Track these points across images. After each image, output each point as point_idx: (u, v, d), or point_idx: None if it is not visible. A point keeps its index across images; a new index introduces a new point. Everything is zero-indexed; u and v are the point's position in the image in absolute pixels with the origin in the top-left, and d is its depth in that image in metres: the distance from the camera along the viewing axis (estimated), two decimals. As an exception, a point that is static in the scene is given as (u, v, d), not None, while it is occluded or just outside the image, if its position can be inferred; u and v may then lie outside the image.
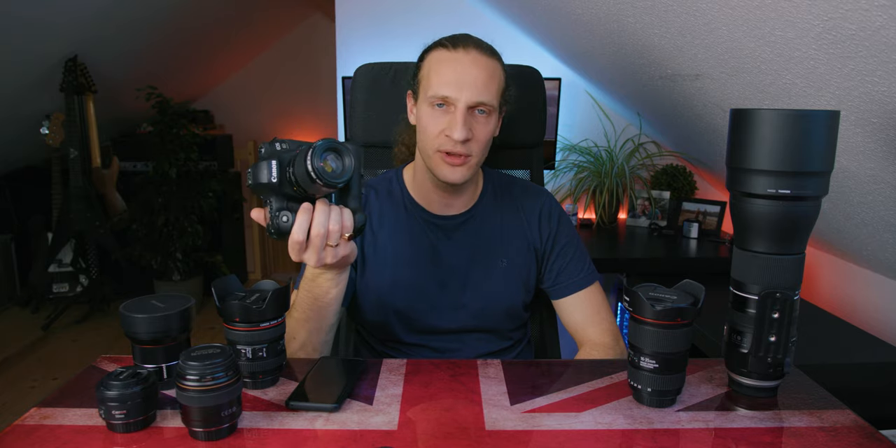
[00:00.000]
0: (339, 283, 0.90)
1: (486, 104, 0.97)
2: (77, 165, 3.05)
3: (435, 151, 1.00)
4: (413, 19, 2.43)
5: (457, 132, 0.95)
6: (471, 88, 0.96)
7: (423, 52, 1.04)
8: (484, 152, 1.02)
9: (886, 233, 1.36)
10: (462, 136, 0.96)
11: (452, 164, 0.99)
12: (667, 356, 0.74)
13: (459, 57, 0.97)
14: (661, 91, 1.79)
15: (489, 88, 0.97)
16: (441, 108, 0.98)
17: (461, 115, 0.96)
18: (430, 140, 1.00)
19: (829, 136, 0.72)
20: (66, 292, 3.36)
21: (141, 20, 2.92)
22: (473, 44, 0.99)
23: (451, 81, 0.96)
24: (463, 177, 1.01)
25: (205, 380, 0.65)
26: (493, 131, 1.02)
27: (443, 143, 0.98)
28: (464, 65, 0.97)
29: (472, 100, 0.96)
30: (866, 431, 0.71)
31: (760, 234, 0.75)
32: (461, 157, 0.99)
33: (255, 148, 4.22)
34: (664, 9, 1.26)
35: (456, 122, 0.96)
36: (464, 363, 0.89)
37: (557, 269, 1.12)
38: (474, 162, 1.01)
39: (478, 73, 0.96)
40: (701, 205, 2.33)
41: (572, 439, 0.69)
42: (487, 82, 0.97)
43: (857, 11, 0.84)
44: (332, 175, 0.73)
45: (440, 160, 1.00)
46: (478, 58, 0.98)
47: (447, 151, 0.98)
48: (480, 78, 0.96)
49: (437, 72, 0.98)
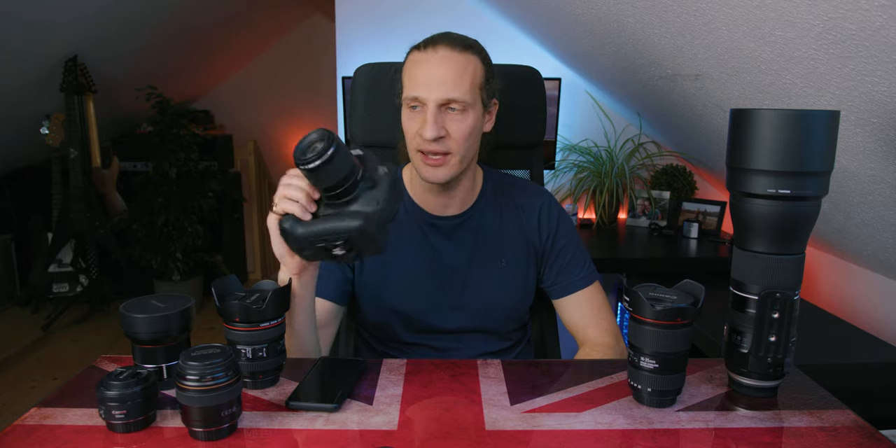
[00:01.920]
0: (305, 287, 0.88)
1: (456, 100, 0.97)
2: (77, 165, 3.05)
3: (415, 152, 1.02)
4: (413, 19, 2.43)
5: (427, 131, 0.96)
6: (438, 86, 0.97)
7: (405, 56, 1.05)
8: (467, 149, 1.01)
9: (886, 233, 1.36)
10: (432, 135, 0.96)
11: (432, 165, 1.00)
12: (667, 356, 0.74)
13: (428, 57, 0.98)
14: (661, 91, 1.79)
15: (458, 85, 0.97)
16: (416, 110, 1.00)
17: (431, 114, 0.97)
18: (409, 141, 1.02)
19: (829, 136, 0.72)
20: (66, 292, 3.36)
21: (141, 20, 2.92)
22: (446, 42, 0.99)
23: (421, 82, 0.98)
24: (445, 176, 1.01)
25: (205, 380, 0.65)
26: (472, 126, 1.00)
27: (419, 143, 1.00)
28: (431, 64, 0.98)
29: (440, 98, 0.97)
30: (866, 431, 0.71)
31: (760, 234, 0.75)
32: (438, 157, 0.99)
33: (255, 148, 4.22)
34: (664, 9, 1.26)
35: (426, 121, 0.97)
36: (464, 363, 0.89)
37: (557, 268, 1.12)
38: (456, 160, 1.00)
39: (446, 71, 0.97)
40: (701, 205, 2.33)
41: (572, 439, 0.69)
42: (456, 79, 0.97)
43: (857, 11, 0.84)
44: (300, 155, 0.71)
45: (420, 161, 1.01)
46: (447, 55, 0.98)
47: (423, 150, 1.00)
48: (449, 75, 0.97)
49: (409, 74, 1.00)
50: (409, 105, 1.00)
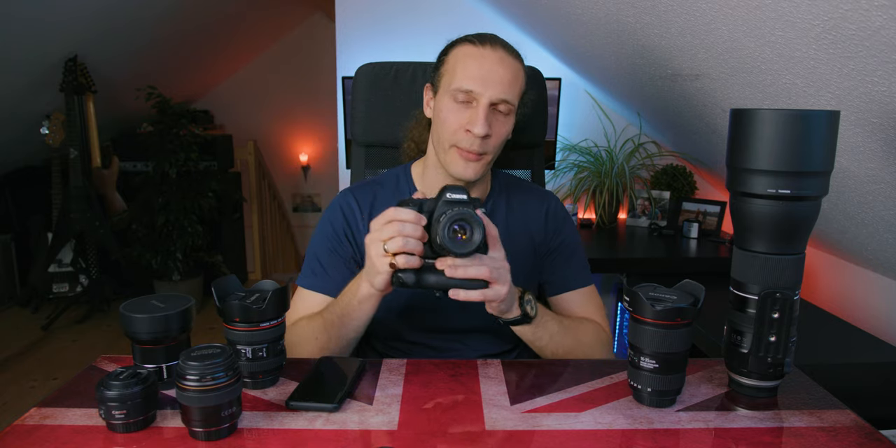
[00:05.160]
0: (376, 307, 0.92)
1: (508, 102, 0.98)
2: (77, 165, 3.05)
3: (451, 146, 1.00)
4: (413, 19, 2.43)
5: (478, 127, 0.95)
6: (496, 85, 0.96)
7: (448, 47, 1.04)
8: (498, 151, 1.02)
9: (886, 233, 1.36)
10: (482, 132, 0.95)
11: (468, 160, 0.99)
12: (667, 356, 0.74)
13: (487, 53, 0.97)
14: (661, 91, 1.79)
15: (513, 88, 0.98)
16: (462, 103, 0.98)
17: (483, 110, 0.96)
18: (448, 135, 0.99)
19: (829, 136, 0.72)
20: (66, 292, 3.36)
21: (141, 20, 2.92)
22: (501, 43, 1.00)
23: (477, 76, 0.96)
24: (476, 173, 1.00)
25: (205, 380, 0.65)
26: (509, 131, 1.02)
27: (461, 139, 0.98)
28: (491, 61, 0.97)
29: (496, 96, 0.96)
30: (866, 431, 0.71)
31: (760, 234, 0.75)
32: (477, 154, 0.99)
33: (255, 148, 4.23)
34: (664, 9, 1.26)
35: (478, 117, 0.96)
36: (464, 363, 0.89)
37: (558, 264, 1.12)
38: (489, 159, 1.01)
39: (504, 72, 0.97)
40: (701, 205, 2.33)
41: (572, 439, 0.69)
42: (512, 81, 0.97)
43: (857, 11, 0.84)
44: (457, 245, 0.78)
45: (456, 155, 1.00)
46: (504, 56, 0.98)
47: (465, 147, 0.98)
48: (506, 76, 0.97)
49: (464, 66, 0.98)
50: (456, 98, 0.98)
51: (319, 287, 1.05)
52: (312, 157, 4.75)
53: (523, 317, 0.90)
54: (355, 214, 1.08)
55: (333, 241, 1.07)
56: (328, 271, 1.05)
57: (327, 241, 1.08)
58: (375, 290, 0.87)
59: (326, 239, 1.08)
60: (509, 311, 0.89)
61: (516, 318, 0.90)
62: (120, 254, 3.25)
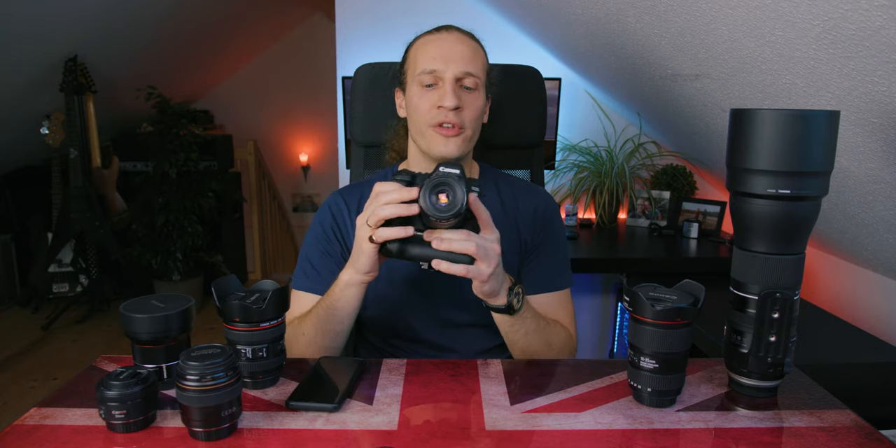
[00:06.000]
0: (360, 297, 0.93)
1: (472, 75, 1.01)
2: (77, 165, 3.05)
3: (428, 127, 1.02)
4: (413, 19, 2.43)
5: (447, 100, 0.98)
6: (457, 60, 1.00)
7: (408, 47, 1.08)
8: (476, 128, 1.04)
9: (886, 233, 1.36)
10: (452, 103, 0.98)
11: (446, 136, 1.01)
12: (667, 356, 0.74)
13: (443, 36, 1.03)
14: (661, 91, 1.79)
15: (475, 62, 1.02)
16: (430, 88, 1.01)
17: (450, 84, 0.99)
18: (422, 117, 1.02)
19: (829, 136, 0.72)
20: (66, 292, 3.36)
21: (141, 20, 2.92)
22: (455, 28, 1.05)
23: (438, 56, 1.00)
24: (458, 148, 1.02)
25: (205, 380, 0.65)
26: (481, 107, 1.04)
27: (435, 115, 1.00)
28: (448, 42, 1.02)
29: (459, 70, 1.00)
30: (866, 431, 0.71)
31: (760, 234, 0.75)
32: (454, 128, 1.00)
33: (255, 148, 4.23)
34: (664, 9, 1.26)
35: (446, 92, 0.99)
36: (464, 363, 0.89)
37: (537, 264, 1.11)
38: (468, 134, 1.02)
39: (463, 48, 1.01)
40: (701, 205, 2.33)
41: (572, 439, 0.69)
42: (472, 56, 1.02)
43: (857, 11, 0.84)
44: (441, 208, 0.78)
45: (434, 134, 1.01)
46: (461, 36, 1.03)
47: (440, 122, 1.00)
48: (465, 52, 1.01)
49: (423, 52, 1.02)
50: (422, 83, 1.01)
51: (312, 288, 1.05)
52: (312, 157, 4.75)
53: (507, 307, 0.91)
54: (343, 213, 1.10)
55: (324, 241, 1.08)
56: (320, 273, 1.06)
57: (318, 243, 1.09)
58: (359, 275, 0.88)
59: (317, 240, 1.09)
60: (495, 298, 0.90)
61: (500, 306, 0.91)
62: (120, 254, 3.25)
